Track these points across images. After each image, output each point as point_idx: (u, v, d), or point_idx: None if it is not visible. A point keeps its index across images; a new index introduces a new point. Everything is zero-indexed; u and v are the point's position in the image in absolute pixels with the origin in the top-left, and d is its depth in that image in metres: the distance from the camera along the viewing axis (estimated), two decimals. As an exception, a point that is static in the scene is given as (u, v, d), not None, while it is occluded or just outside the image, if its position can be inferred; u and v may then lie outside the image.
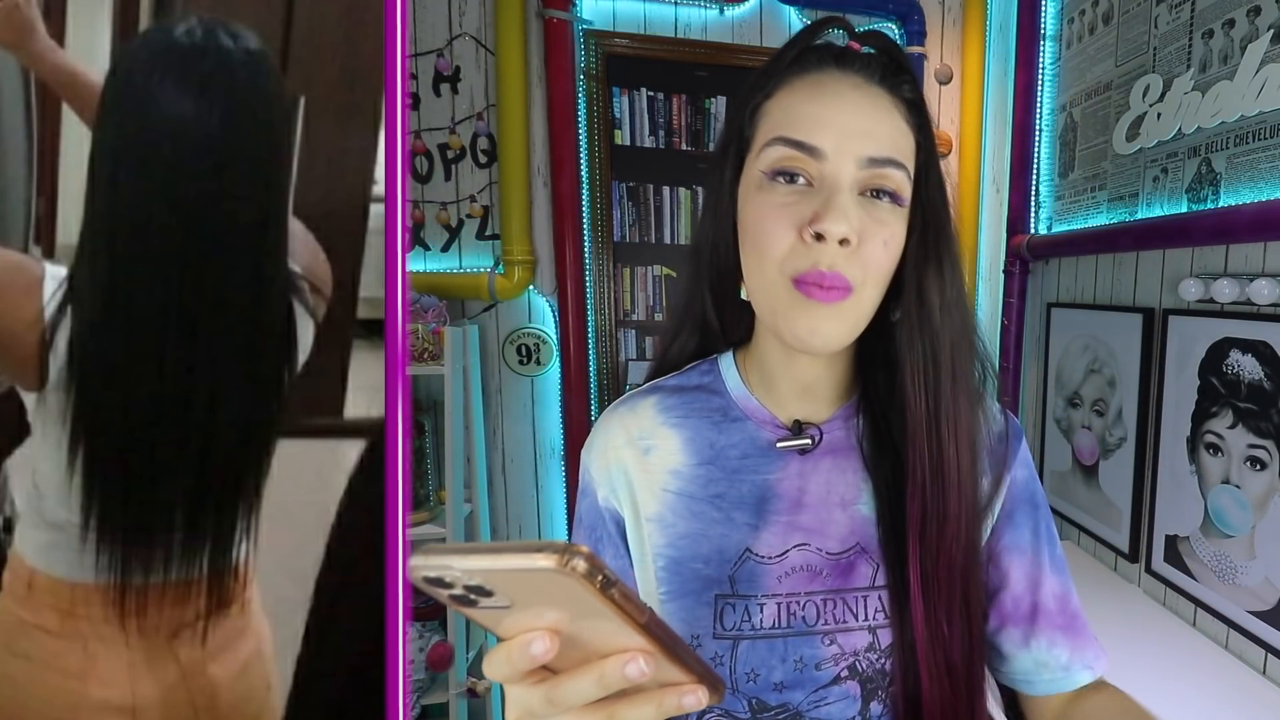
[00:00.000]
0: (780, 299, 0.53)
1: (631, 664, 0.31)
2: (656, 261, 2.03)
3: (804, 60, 0.56)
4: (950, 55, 2.06)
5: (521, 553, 0.28)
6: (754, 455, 0.60)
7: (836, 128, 0.52)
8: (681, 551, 0.60)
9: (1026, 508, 0.61)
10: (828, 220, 0.49)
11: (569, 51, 1.85)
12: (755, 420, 0.61)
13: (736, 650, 0.57)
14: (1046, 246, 1.83)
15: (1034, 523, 0.61)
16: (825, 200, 0.51)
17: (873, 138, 0.52)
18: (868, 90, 0.53)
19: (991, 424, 0.60)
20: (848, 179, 0.51)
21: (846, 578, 0.57)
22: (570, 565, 0.27)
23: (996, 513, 0.60)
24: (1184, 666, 1.22)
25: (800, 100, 0.54)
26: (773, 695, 0.56)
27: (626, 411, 0.65)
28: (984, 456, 0.58)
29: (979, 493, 0.57)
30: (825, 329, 0.52)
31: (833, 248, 0.50)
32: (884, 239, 0.52)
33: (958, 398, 0.55)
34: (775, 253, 0.52)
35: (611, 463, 0.64)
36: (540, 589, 0.29)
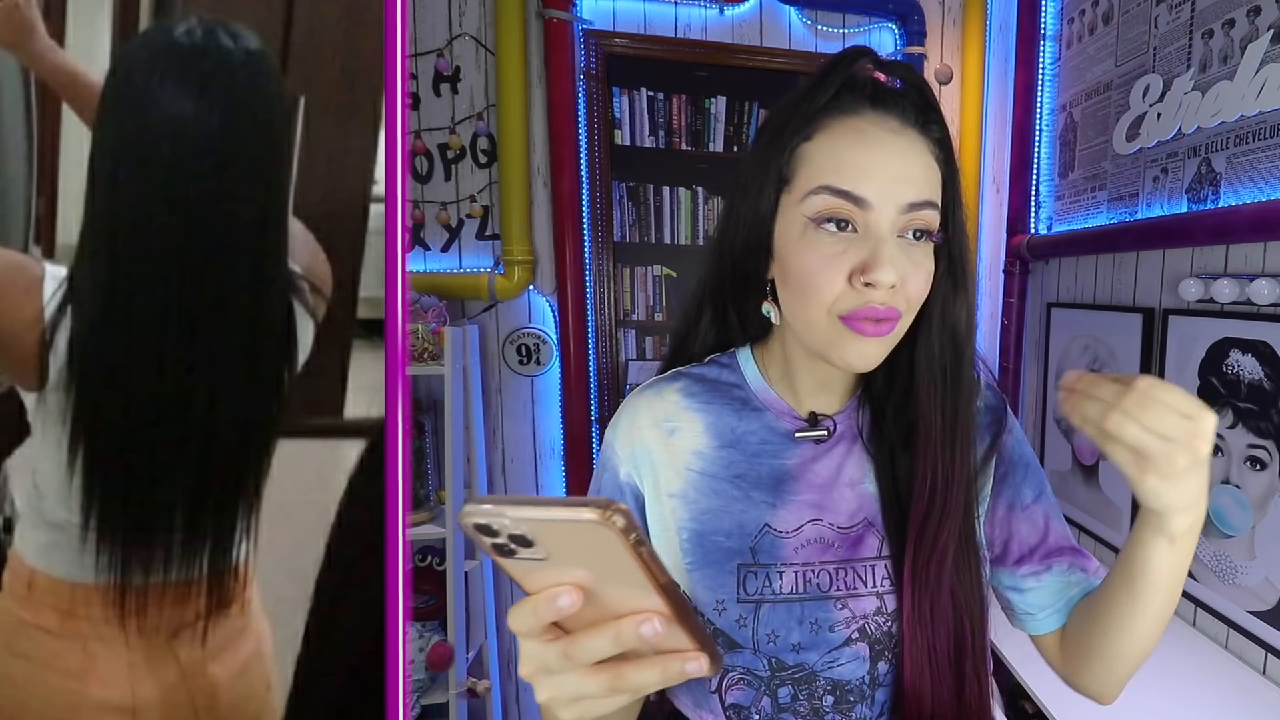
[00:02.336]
0: (828, 333, 0.57)
1: (646, 624, 0.33)
2: (656, 261, 2.03)
3: (841, 101, 0.58)
4: (950, 55, 2.06)
5: (569, 506, 0.31)
6: (772, 442, 0.66)
7: (881, 177, 0.56)
8: (704, 525, 0.64)
9: (1020, 468, 0.68)
10: (878, 271, 0.54)
11: (569, 51, 1.85)
12: (774, 411, 0.66)
13: (759, 613, 0.62)
14: (1046, 246, 1.83)
15: (1032, 480, 0.68)
16: (873, 251, 0.55)
17: (912, 183, 0.56)
18: (905, 134, 0.57)
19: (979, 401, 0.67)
20: (890, 224, 0.56)
21: (856, 548, 0.63)
22: (610, 519, 0.30)
23: (992, 476, 0.67)
24: (1184, 666, 1.22)
25: (842, 148, 0.57)
26: (790, 655, 0.61)
27: (652, 395, 0.69)
28: (975, 428, 0.64)
29: (975, 483, 0.63)
30: (870, 353, 0.57)
31: (883, 295, 0.55)
32: (924, 276, 0.58)
33: (968, 408, 0.62)
34: (825, 299, 0.56)
35: (636, 442, 0.68)
36: (579, 542, 0.32)
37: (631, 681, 0.35)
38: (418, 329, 1.65)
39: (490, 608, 1.95)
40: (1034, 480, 0.68)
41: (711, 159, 2.01)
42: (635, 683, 0.35)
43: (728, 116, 2.00)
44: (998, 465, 0.67)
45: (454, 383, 1.66)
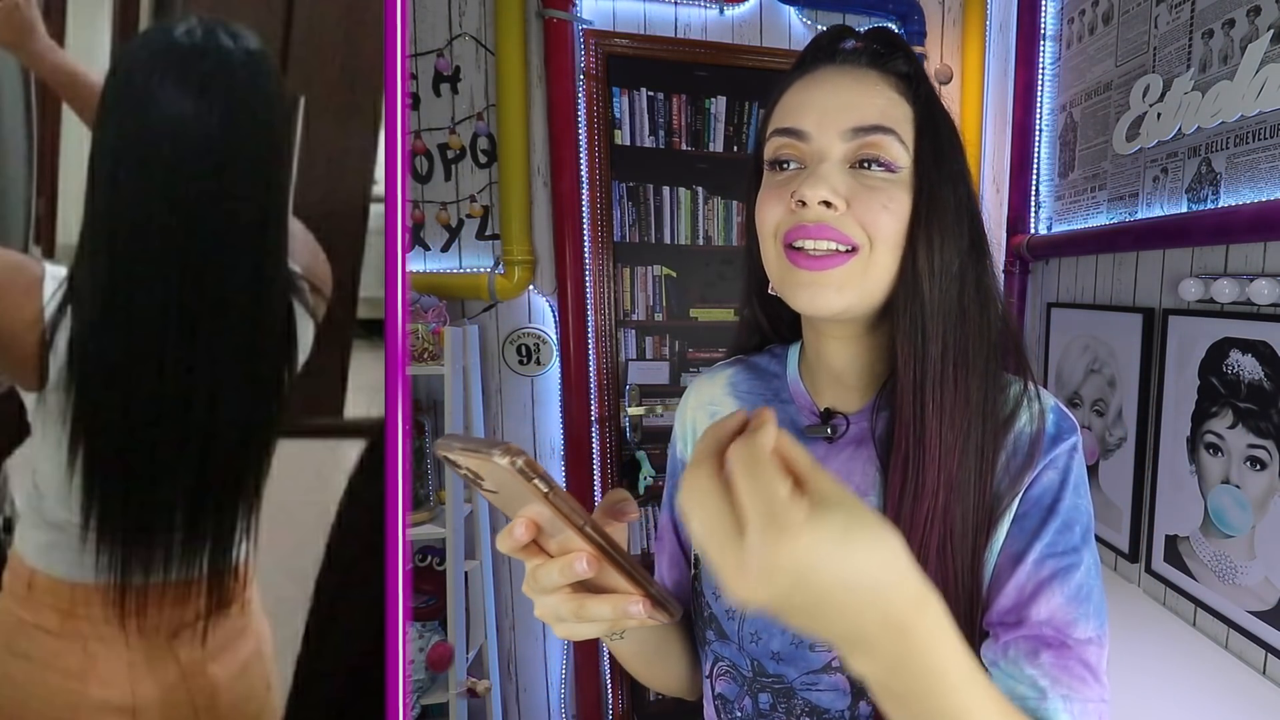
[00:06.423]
0: (779, 269, 0.56)
1: (578, 562, 0.38)
2: (656, 261, 2.03)
3: (801, 63, 0.59)
4: (950, 55, 2.06)
5: (486, 447, 0.35)
6: (790, 436, 0.63)
7: (819, 108, 0.54)
8: None
9: (1037, 512, 0.53)
10: (804, 186, 0.52)
11: (569, 51, 1.85)
12: (798, 404, 0.65)
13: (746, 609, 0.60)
14: (1046, 246, 1.83)
15: (1040, 528, 0.52)
16: (809, 172, 0.53)
17: (855, 109, 0.53)
18: (854, 72, 0.56)
19: (1024, 418, 0.56)
20: (835, 153, 0.53)
21: None
22: (511, 462, 0.34)
23: (1011, 514, 0.54)
24: (1184, 667, 1.22)
25: (791, 94, 0.57)
26: (770, 663, 0.59)
27: (706, 379, 0.72)
28: (991, 439, 0.54)
29: (971, 475, 0.53)
30: (825, 296, 0.53)
31: (815, 211, 0.52)
32: (882, 202, 0.52)
33: (947, 369, 0.53)
34: (769, 226, 0.55)
35: (687, 421, 0.71)
36: (507, 482, 0.36)
37: (590, 611, 0.41)
38: (418, 329, 1.65)
39: (490, 608, 1.95)
40: (1054, 538, 0.52)
41: (711, 159, 2.01)
42: (593, 613, 0.41)
43: (728, 116, 2.00)
44: (1021, 502, 0.54)
45: (454, 383, 1.66)
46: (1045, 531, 0.52)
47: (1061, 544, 0.52)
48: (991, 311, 0.56)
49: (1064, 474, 0.54)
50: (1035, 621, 0.50)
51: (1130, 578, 1.51)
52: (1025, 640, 0.50)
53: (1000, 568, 0.53)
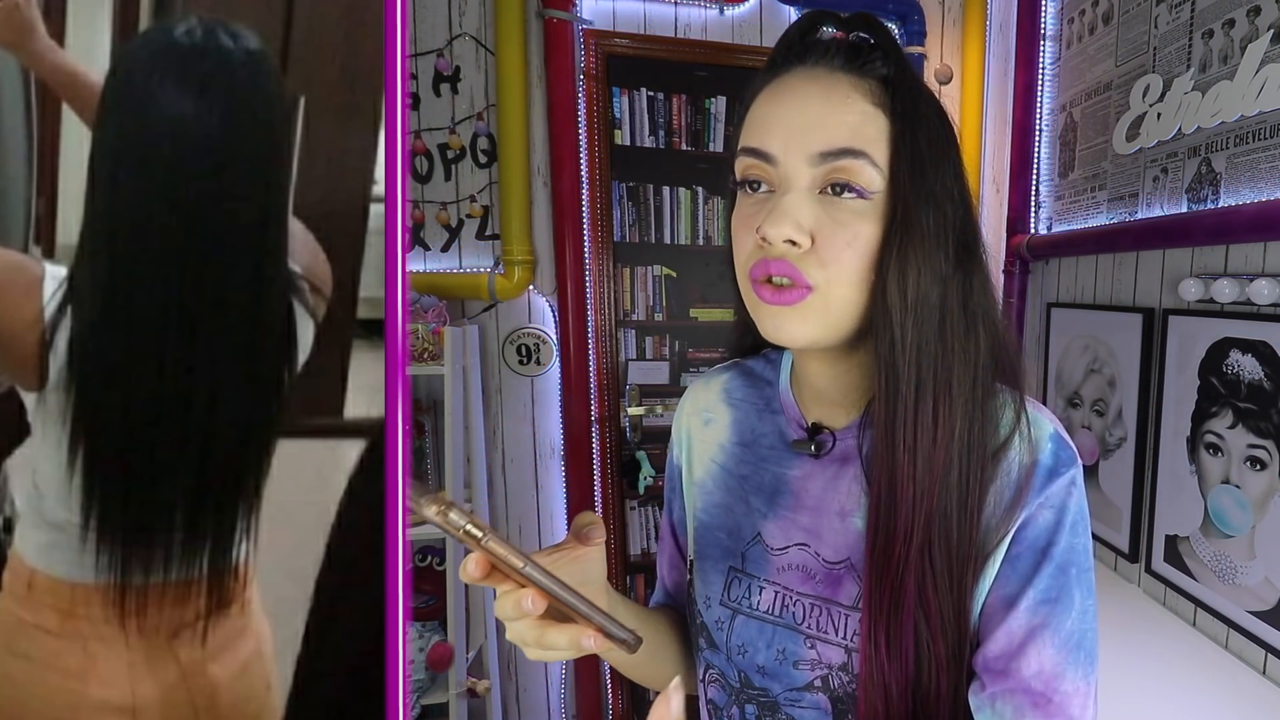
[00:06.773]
0: (751, 301, 0.54)
1: (525, 599, 0.42)
2: (656, 261, 2.03)
3: (774, 63, 0.54)
4: (950, 55, 2.06)
5: (419, 497, 0.37)
6: (779, 448, 0.63)
7: (784, 127, 0.50)
8: (711, 518, 0.65)
9: (1030, 555, 0.51)
10: (767, 224, 0.49)
11: (569, 51, 1.85)
12: (787, 415, 0.63)
13: (734, 621, 0.61)
14: (1046, 246, 1.83)
15: (1033, 572, 0.51)
16: (774, 204, 0.50)
17: (824, 130, 0.49)
18: (824, 80, 0.51)
19: (1017, 447, 0.52)
20: (802, 179, 0.50)
21: (834, 590, 0.56)
22: (437, 511, 0.36)
23: (1003, 552, 0.52)
24: (1184, 667, 1.22)
25: (760, 105, 0.53)
26: (756, 676, 0.59)
27: (702, 384, 0.72)
28: (977, 472, 0.51)
29: (952, 512, 0.50)
30: (789, 328, 0.51)
31: (779, 248, 0.50)
32: (846, 240, 0.49)
33: (923, 405, 0.50)
34: (740, 257, 0.53)
35: (682, 427, 0.71)
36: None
37: (550, 639, 0.44)
38: (418, 329, 1.65)
39: (490, 608, 1.95)
40: (1049, 583, 0.50)
41: (711, 159, 2.01)
42: (552, 641, 0.44)
43: (728, 116, 2.00)
44: (1014, 542, 0.51)
45: (454, 383, 1.66)
46: (1039, 577, 0.50)
47: (1055, 589, 0.50)
48: (982, 334, 0.52)
49: (1060, 513, 0.51)
50: (1024, 676, 0.49)
51: (1130, 578, 1.51)
52: (1012, 695, 0.50)
53: (991, 607, 0.51)
